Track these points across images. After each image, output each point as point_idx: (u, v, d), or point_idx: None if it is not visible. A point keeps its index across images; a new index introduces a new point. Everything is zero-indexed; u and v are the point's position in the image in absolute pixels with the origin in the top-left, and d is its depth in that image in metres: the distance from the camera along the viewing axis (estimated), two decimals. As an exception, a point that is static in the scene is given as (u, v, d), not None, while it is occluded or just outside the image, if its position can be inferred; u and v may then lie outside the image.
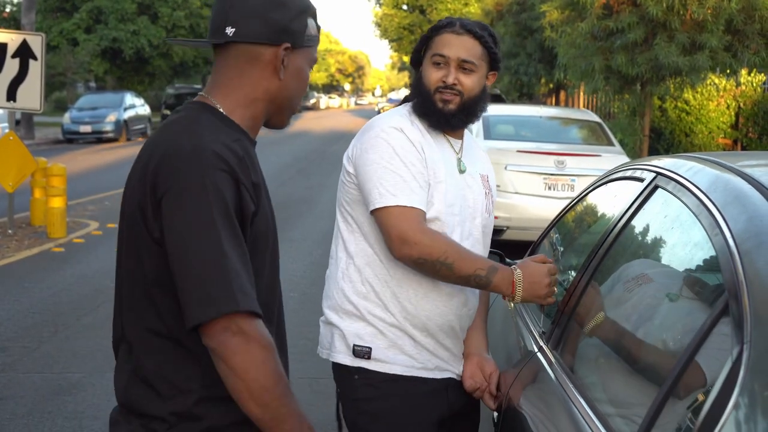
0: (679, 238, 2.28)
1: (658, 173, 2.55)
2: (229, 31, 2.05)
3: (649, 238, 2.54)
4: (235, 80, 2.09)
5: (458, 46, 2.88)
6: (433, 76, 2.88)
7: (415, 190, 2.73)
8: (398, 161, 2.75)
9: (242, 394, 1.86)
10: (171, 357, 1.99)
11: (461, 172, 2.92)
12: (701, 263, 2.06)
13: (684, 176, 2.32)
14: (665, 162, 2.60)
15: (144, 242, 1.96)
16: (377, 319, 2.82)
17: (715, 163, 2.32)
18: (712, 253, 1.91)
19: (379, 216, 2.73)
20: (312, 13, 2.15)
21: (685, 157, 2.57)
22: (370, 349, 2.81)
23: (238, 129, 2.07)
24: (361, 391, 2.84)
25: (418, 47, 2.97)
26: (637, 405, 2.02)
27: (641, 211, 2.55)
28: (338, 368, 2.90)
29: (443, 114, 2.87)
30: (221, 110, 2.08)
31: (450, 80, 2.86)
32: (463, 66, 2.88)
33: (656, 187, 2.50)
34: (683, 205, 2.22)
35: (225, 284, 1.84)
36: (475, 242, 2.91)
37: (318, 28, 2.19)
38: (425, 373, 2.85)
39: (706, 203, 2.07)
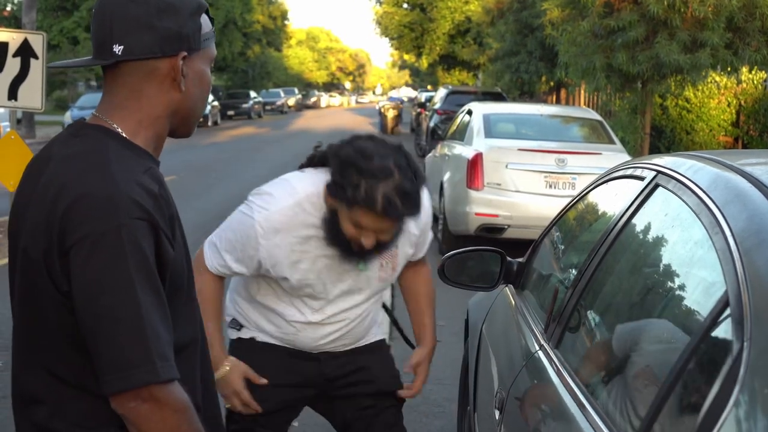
0: (680, 236, 2.28)
1: (658, 172, 2.55)
2: (117, 49, 1.84)
3: (650, 236, 2.54)
4: (132, 100, 1.89)
5: (377, 226, 2.94)
6: (350, 232, 2.96)
7: (230, 260, 3.12)
8: (241, 235, 3.12)
9: None
10: (86, 408, 1.84)
11: (361, 269, 3.15)
12: (701, 261, 2.06)
13: (684, 175, 2.33)
14: (666, 161, 2.60)
15: (50, 295, 1.79)
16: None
17: (715, 162, 2.32)
18: (713, 251, 1.91)
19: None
20: (204, 9, 1.96)
21: (685, 155, 2.58)
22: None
23: (144, 154, 1.90)
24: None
25: (343, 187, 2.90)
26: (638, 404, 2.03)
27: (642, 210, 2.56)
28: None
29: (358, 254, 3.04)
30: (124, 135, 1.89)
31: (368, 245, 2.98)
32: (382, 237, 2.99)
33: (657, 186, 2.51)
34: (684, 204, 2.23)
35: (142, 350, 1.71)
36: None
37: (212, 20, 2.01)
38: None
39: (707, 202, 2.08)
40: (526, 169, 10.42)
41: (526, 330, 3.13)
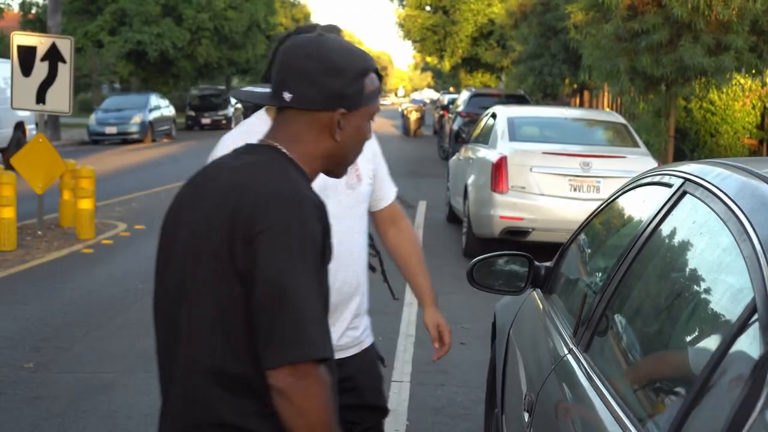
0: (708, 243, 2.33)
1: (686, 179, 2.60)
2: (287, 96, 2.11)
3: (678, 243, 2.58)
4: (296, 137, 2.14)
5: None
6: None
7: None
8: None
9: (302, 429, 1.93)
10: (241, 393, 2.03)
11: None
12: (729, 268, 2.10)
13: (712, 182, 2.38)
14: (693, 168, 2.65)
15: (230, 281, 1.99)
16: None
17: (742, 170, 2.37)
18: (740, 258, 1.96)
19: None
20: (371, 70, 2.18)
21: (712, 163, 2.62)
22: None
23: (308, 179, 2.15)
24: None
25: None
26: (665, 408, 2.08)
27: (670, 217, 2.60)
28: None
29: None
30: (294, 159, 2.14)
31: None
32: None
33: (684, 193, 2.55)
34: (711, 211, 2.27)
35: (312, 330, 1.92)
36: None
37: (380, 78, 2.22)
38: None
39: (734, 209, 2.12)
40: (550, 173, 10.45)
41: (555, 334, 3.18)
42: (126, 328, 7.68)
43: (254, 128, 3.10)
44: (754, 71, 14.45)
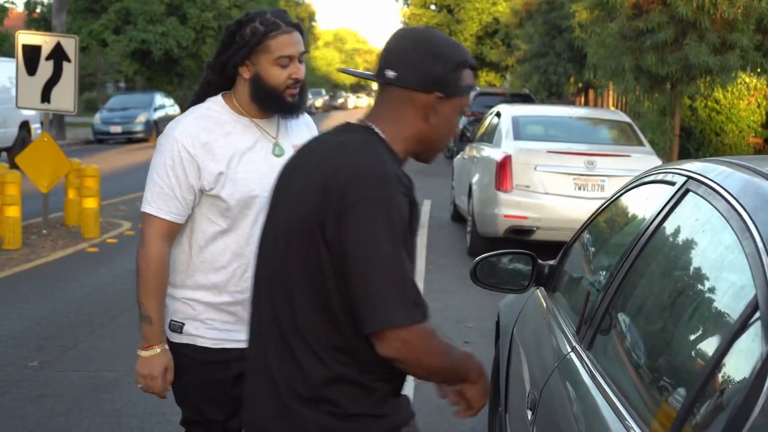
0: (710, 241, 2.32)
1: (689, 177, 2.60)
2: (390, 74, 2.29)
3: (680, 241, 2.58)
4: (393, 116, 2.31)
5: (296, 44, 3.08)
6: (281, 75, 3.04)
7: (168, 202, 3.08)
8: (164, 171, 3.07)
9: (423, 377, 2.28)
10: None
11: (278, 156, 3.14)
12: (731, 266, 2.10)
13: (714, 180, 2.37)
14: (696, 166, 2.65)
15: (322, 255, 2.16)
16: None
17: (745, 168, 2.36)
18: (743, 256, 1.96)
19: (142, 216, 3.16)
20: (469, 65, 2.35)
21: (715, 161, 2.62)
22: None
23: (398, 159, 2.31)
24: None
25: (234, 54, 3.07)
26: (668, 406, 2.07)
27: (673, 215, 2.60)
28: None
29: (293, 106, 3.14)
30: (386, 139, 2.30)
31: (300, 76, 3.09)
32: (300, 58, 3.11)
33: (687, 191, 2.55)
34: (714, 209, 2.27)
35: (407, 296, 2.10)
36: None
37: (475, 75, 2.42)
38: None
39: (737, 207, 2.12)
40: (555, 171, 10.44)
41: (558, 332, 3.18)
42: (130, 327, 7.66)
43: (209, 112, 3.14)
44: (759, 70, 14.41)
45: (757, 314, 1.77)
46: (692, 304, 2.28)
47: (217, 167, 3.06)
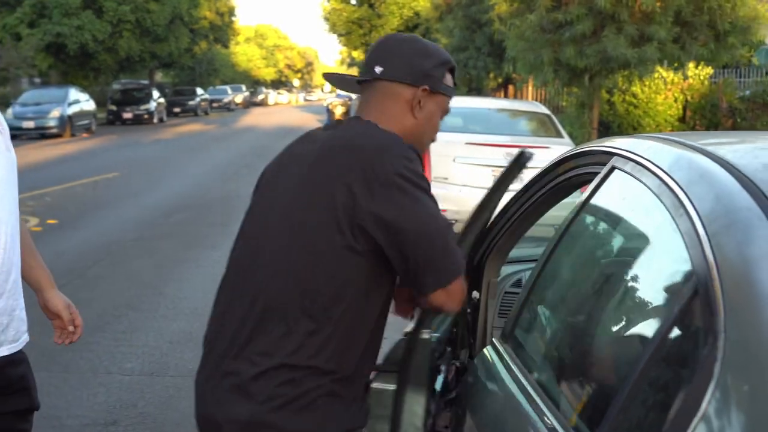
0: (641, 220, 2.11)
1: (614, 154, 2.39)
2: (378, 69, 2.36)
3: (607, 223, 2.37)
4: (382, 111, 2.35)
5: None
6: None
7: None
8: None
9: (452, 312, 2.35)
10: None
11: None
12: (665, 246, 1.89)
13: (643, 156, 2.16)
14: (621, 142, 2.43)
15: (341, 229, 2.15)
16: None
17: (675, 142, 2.16)
18: (677, 235, 1.74)
19: None
20: (451, 68, 2.45)
21: (642, 136, 2.41)
22: None
23: None
24: None
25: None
26: (599, 401, 1.86)
27: (597, 194, 2.38)
28: None
29: None
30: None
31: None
32: None
33: (612, 168, 2.34)
34: (643, 186, 2.05)
35: (456, 250, 2.21)
36: None
37: (455, 84, 2.48)
38: None
39: (669, 183, 1.90)
40: (474, 163, 10.27)
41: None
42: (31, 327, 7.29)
43: None
44: (676, 64, 14.47)
45: (697, 300, 1.56)
46: (621, 290, 2.06)
47: None
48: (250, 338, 2.17)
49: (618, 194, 2.30)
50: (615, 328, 2.02)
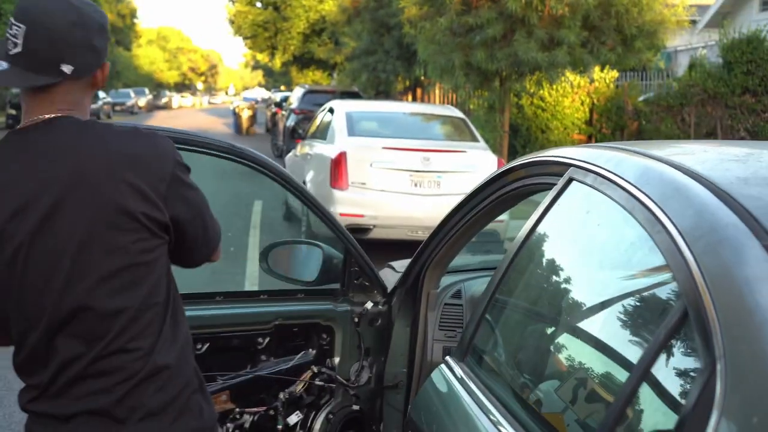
0: (610, 235, 2.04)
1: (569, 164, 2.31)
2: (67, 69, 2.03)
3: (571, 237, 2.29)
4: (78, 105, 2.10)
5: None
6: None
7: None
8: None
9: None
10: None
11: None
12: (642, 264, 1.82)
13: (605, 167, 2.09)
14: (577, 152, 2.35)
15: (134, 235, 2.00)
16: None
17: (636, 153, 2.09)
18: (656, 251, 1.67)
19: None
20: None
21: (598, 146, 2.34)
22: None
23: None
24: None
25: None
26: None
27: (556, 207, 2.30)
28: None
29: None
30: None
31: None
32: None
33: (570, 180, 2.27)
34: (608, 199, 1.98)
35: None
36: None
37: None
38: None
39: (639, 196, 1.83)
40: (391, 168, 10.19)
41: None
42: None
43: None
44: (582, 68, 14.62)
45: (688, 324, 1.48)
46: (595, 316, 1.98)
47: None
48: None
49: (579, 207, 2.22)
50: (591, 351, 1.93)
